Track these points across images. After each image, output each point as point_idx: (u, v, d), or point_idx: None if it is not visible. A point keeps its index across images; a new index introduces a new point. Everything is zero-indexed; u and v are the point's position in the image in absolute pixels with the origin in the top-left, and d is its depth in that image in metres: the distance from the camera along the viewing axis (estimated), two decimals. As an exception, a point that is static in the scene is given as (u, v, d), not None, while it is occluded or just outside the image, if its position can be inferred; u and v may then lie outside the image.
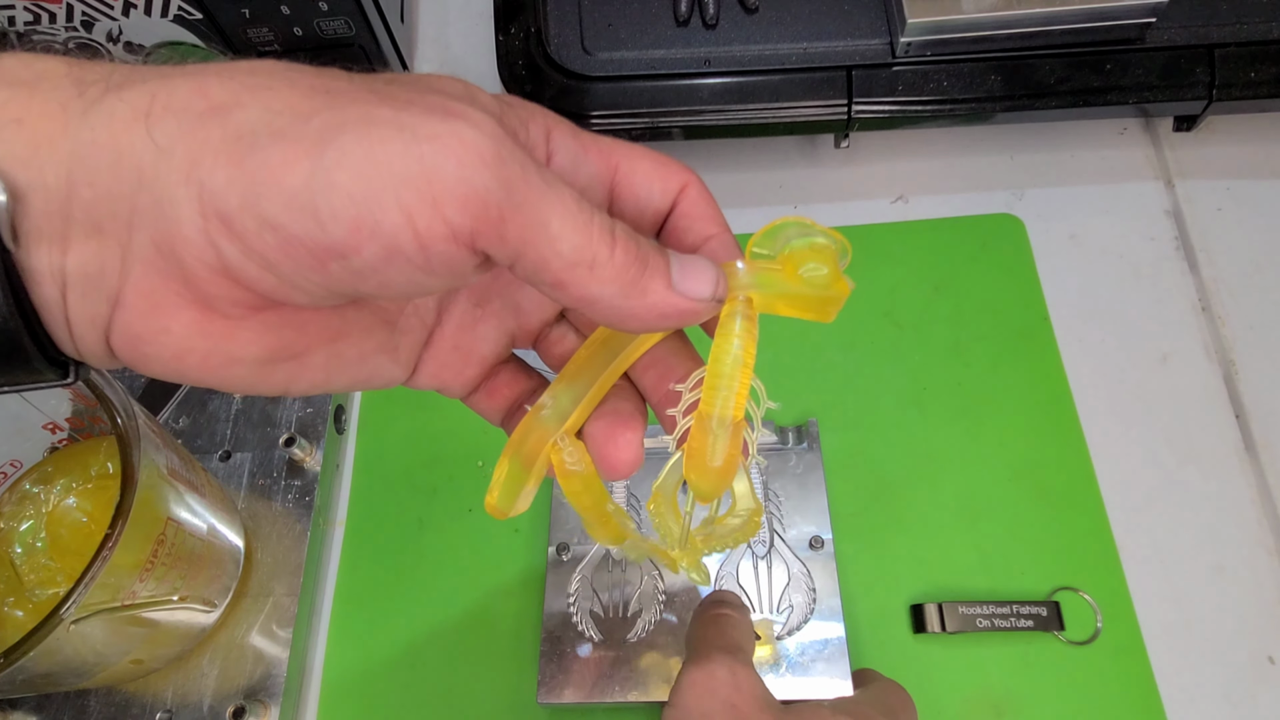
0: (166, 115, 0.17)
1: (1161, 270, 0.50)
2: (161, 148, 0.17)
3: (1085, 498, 0.45)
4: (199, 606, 0.40)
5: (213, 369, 0.19)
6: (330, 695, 0.43)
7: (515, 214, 0.17)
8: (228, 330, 0.18)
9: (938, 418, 0.47)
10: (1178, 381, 0.47)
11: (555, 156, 0.22)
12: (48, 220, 0.17)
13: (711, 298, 0.21)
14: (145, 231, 0.17)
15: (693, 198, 0.23)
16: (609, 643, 0.42)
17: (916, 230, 0.52)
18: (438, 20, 0.60)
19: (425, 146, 0.17)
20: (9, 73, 0.17)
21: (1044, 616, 0.41)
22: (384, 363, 0.23)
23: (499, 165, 0.17)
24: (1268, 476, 0.45)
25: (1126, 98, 0.47)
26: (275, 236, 0.17)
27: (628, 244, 0.19)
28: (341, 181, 0.16)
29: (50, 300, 0.17)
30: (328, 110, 0.17)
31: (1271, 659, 0.41)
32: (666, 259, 0.20)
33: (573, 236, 0.18)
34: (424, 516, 0.47)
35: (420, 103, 0.17)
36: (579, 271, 0.19)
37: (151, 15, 0.46)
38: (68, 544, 0.40)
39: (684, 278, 0.20)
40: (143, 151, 0.17)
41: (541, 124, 0.22)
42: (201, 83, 0.17)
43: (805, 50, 0.48)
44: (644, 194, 0.23)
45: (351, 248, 0.17)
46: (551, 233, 0.18)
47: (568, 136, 0.22)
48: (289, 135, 0.17)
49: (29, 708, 0.41)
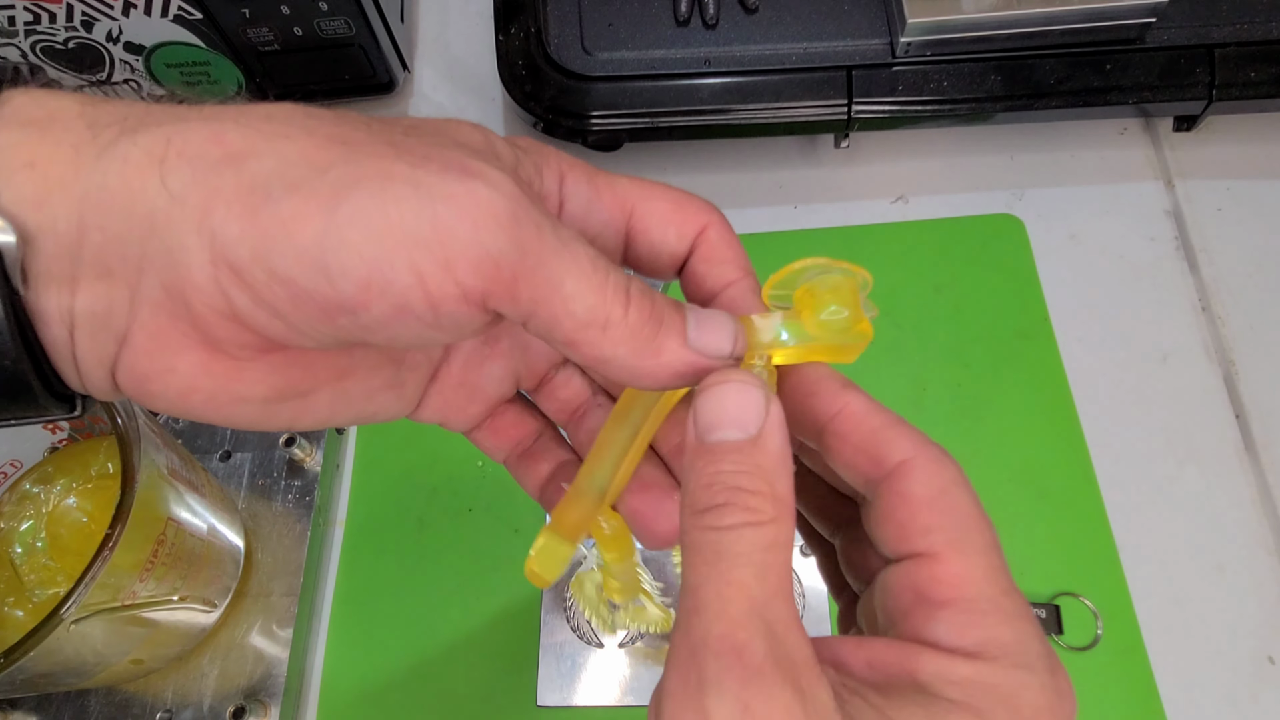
0: (180, 162, 0.17)
1: (1161, 270, 0.50)
2: (175, 195, 0.16)
3: (1085, 498, 0.45)
4: (199, 606, 0.40)
5: (218, 407, 0.19)
6: (330, 695, 0.43)
7: (529, 275, 0.17)
8: (234, 370, 0.18)
9: (938, 418, 0.47)
10: (1178, 381, 0.47)
11: (568, 203, 0.21)
12: (57, 263, 0.17)
13: (729, 355, 0.20)
14: (155, 275, 0.17)
15: (712, 240, 0.23)
16: (607, 646, 0.42)
17: (916, 230, 0.52)
18: (438, 20, 0.60)
19: (440, 206, 0.16)
20: (21, 112, 0.17)
21: (1043, 619, 0.41)
22: (389, 399, 0.23)
23: (514, 226, 0.17)
24: (1268, 476, 0.45)
25: (1126, 98, 0.47)
26: (285, 290, 0.17)
27: (642, 302, 0.19)
28: (353, 240, 0.16)
29: (58, 340, 0.17)
30: (344, 163, 0.17)
31: (1271, 659, 0.41)
32: (683, 316, 0.20)
33: (586, 297, 0.18)
34: (424, 516, 0.47)
35: (438, 158, 0.17)
36: (591, 332, 0.18)
37: (151, 15, 0.46)
38: (68, 544, 0.40)
39: (700, 334, 0.20)
40: (155, 198, 0.16)
41: (555, 169, 0.21)
42: (218, 128, 0.17)
43: (805, 50, 0.48)
44: (659, 238, 0.22)
45: (361, 304, 0.17)
46: (565, 293, 0.18)
47: (581, 181, 0.22)
48: (303, 188, 0.16)
49: (29, 708, 0.41)
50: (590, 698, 0.41)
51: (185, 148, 0.17)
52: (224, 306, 0.17)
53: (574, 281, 0.18)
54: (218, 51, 0.50)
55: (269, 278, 0.17)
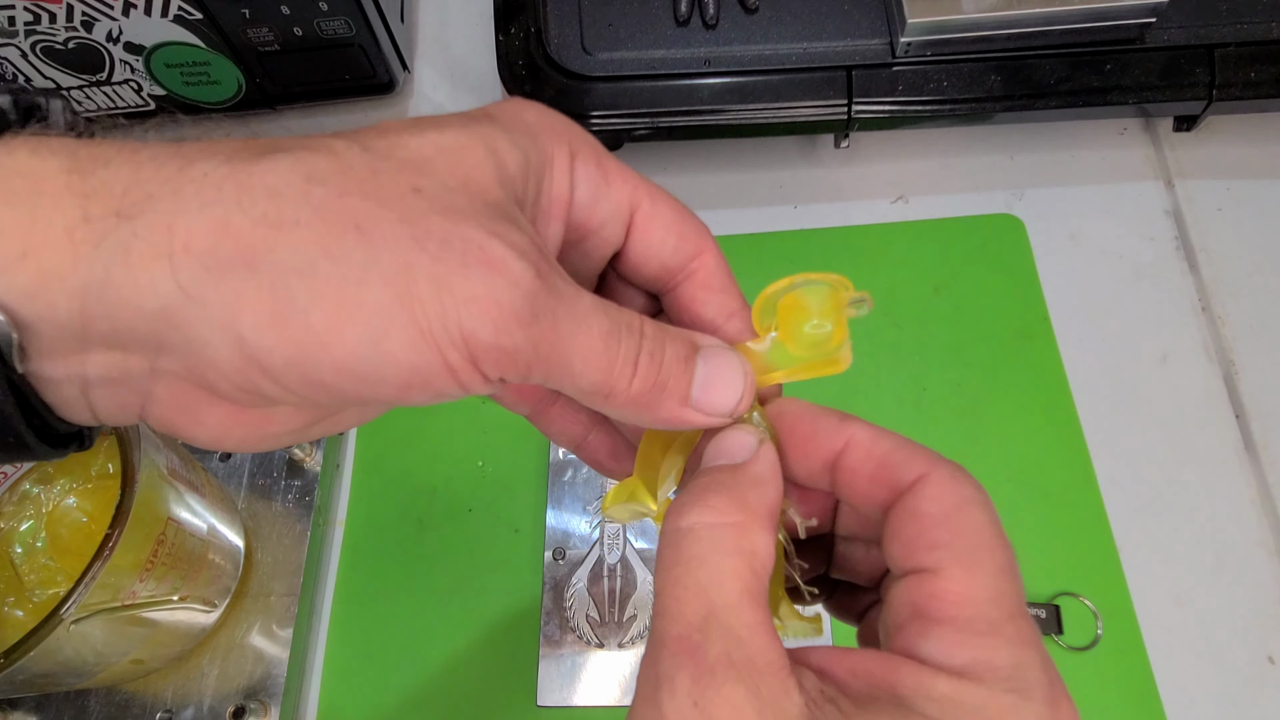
0: (189, 258, 0.16)
1: (1161, 270, 0.50)
2: (190, 294, 0.16)
3: (1085, 498, 0.45)
4: (199, 606, 0.40)
5: (252, 445, 0.20)
6: (330, 695, 0.43)
7: (542, 363, 0.18)
8: (262, 418, 0.19)
9: (938, 418, 0.47)
10: (1178, 381, 0.47)
11: (577, 190, 0.21)
12: (61, 343, 0.16)
13: (730, 415, 0.21)
14: (175, 358, 0.17)
15: (711, 268, 0.23)
16: (607, 646, 0.42)
17: (916, 230, 0.52)
18: (438, 20, 0.60)
19: (464, 311, 0.17)
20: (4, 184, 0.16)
21: (1043, 619, 0.41)
22: None
23: (531, 323, 0.18)
24: (1268, 476, 0.45)
25: (1126, 98, 0.47)
26: (320, 391, 0.17)
27: (648, 373, 0.20)
28: (389, 350, 0.17)
29: (71, 399, 0.17)
30: (361, 253, 0.16)
31: (1271, 659, 0.41)
32: (690, 377, 0.20)
33: (593, 375, 0.19)
34: (424, 516, 0.47)
35: (456, 245, 0.17)
36: (595, 399, 0.20)
37: (151, 15, 0.46)
38: (68, 544, 0.40)
39: (705, 394, 0.20)
40: (168, 294, 0.16)
41: (565, 156, 0.21)
42: (222, 217, 0.16)
43: (805, 50, 0.48)
44: (658, 241, 0.22)
45: (398, 399, 0.18)
46: (574, 371, 0.19)
47: (591, 164, 0.21)
48: (328, 294, 0.16)
49: (29, 708, 0.41)
50: (590, 698, 0.41)
51: (191, 241, 0.16)
52: (250, 391, 0.17)
53: (582, 363, 0.19)
54: (218, 51, 0.50)
55: (303, 382, 0.17)
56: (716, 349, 0.21)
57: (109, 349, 0.17)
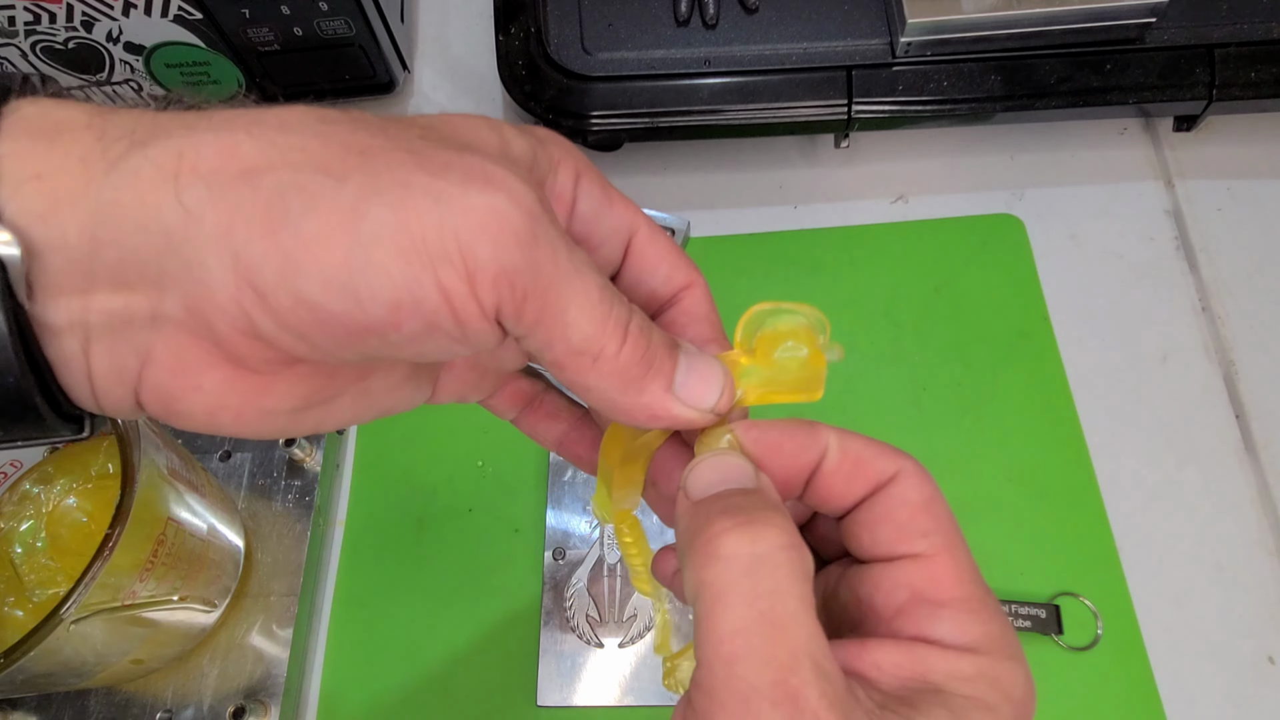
0: (195, 178, 0.16)
1: (1161, 270, 0.50)
2: (191, 212, 0.16)
3: (1085, 498, 0.45)
4: (199, 606, 0.40)
5: (247, 422, 0.19)
6: (330, 695, 0.43)
7: (538, 295, 0.17)
8: (261, 385, 0.18)
9: (938, 418, 0.47)
10: (1178, 381, 0.47)
11: (580, 203, 0.21)
12: (68, 276, 0.16)
13: (711, 409, 0.21)
14: (175, 293, 0.17)
15: (698, 298, 0.23)
16: (607, 646, 0.42)
17: (916, 230, 0.52)
18: (438, 20, 0.60)
19: (460, 221, 0.16)
20: (28, 123, 0.16)
21: (1043, 619, 0.41)
22: (408, 391, 0.23)
23: (531, 245, 0.17)
24: (1268, 476, 0.45)
25: (1126, 98, 0.47)
26: (312, 314, 0.17)
27: (638, 342, 0.19)
28: (380, 260, 0.16)
29: (70, 354, 0.17)
30: (361, 173, 0.17)
31: (1271, 659, 0.41)
32: (674, 362, 0.20)
33: (586, 327, 0.18)
34: (424, 516, 0.47)
35: (458, 166, 0.17)
36: (582, 360, 0.19)
37: (151, 15, 0.46)
38: (68, 544, 0.40)
39: (687, 383, 0.20)
40: (170, 215, 0.16)
41: (571, 168, 0.21)
42: (231, 141, 0.17)
43: (805, 50, 0.48)
44: (650, 269, 0.23)
45: (390, 325, 0.17)
46: (567, 319, 0.18)
47: (595, 185, 0.22)
48: (322, 204, 0.16)
49: (29, 708, 0.41)
50: (590, 698, 0.41)
51: (199, 162, 0.16)
52: (248, 327, 0.17)
53: (578, 310, 0.18)
54: (218, 51, 0.50)
55: (294, 302, 0.16)
56: (696, 351, 0.21)
57: (114, 288, 0.16)
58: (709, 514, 0.19)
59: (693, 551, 0.18)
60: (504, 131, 0.20)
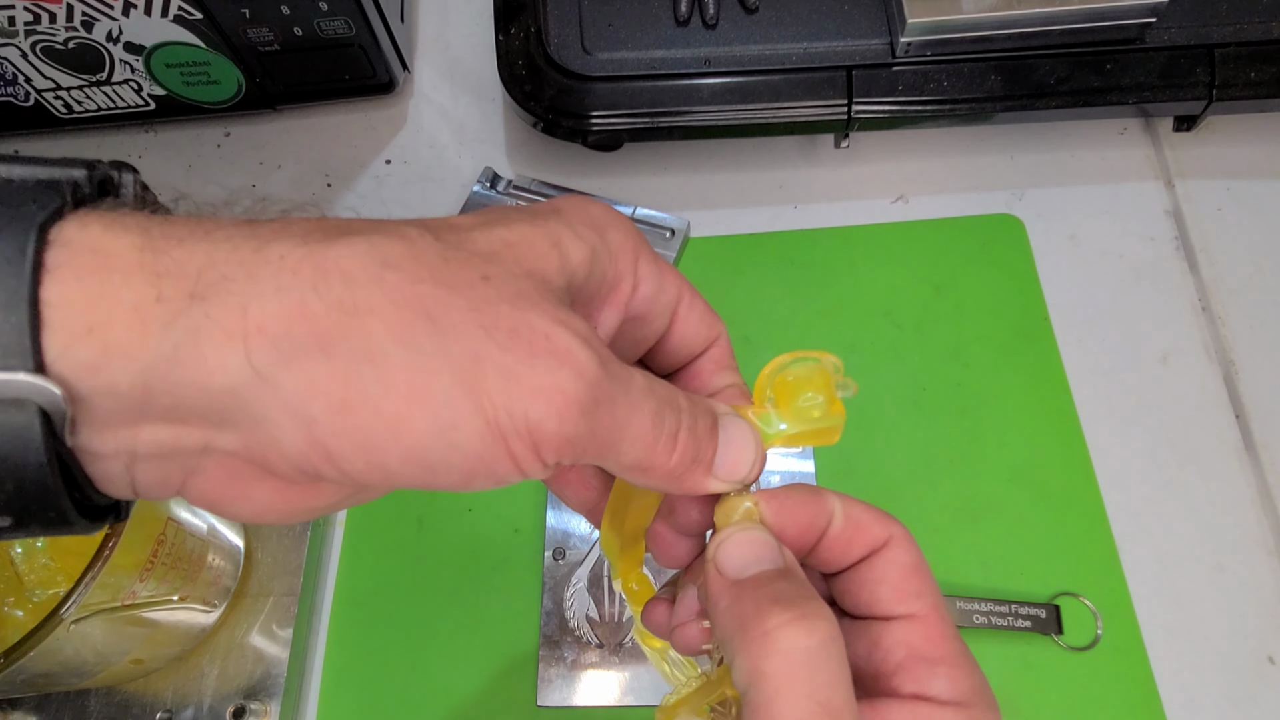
0: (263, 340, 0.16)
1: (1161, 270, 0.50)
2: (263, 375, 0.16)
3: (1085, 498, 0.45)
4: (199, 606, 0.40)
5: (291, 518, 0.20)
6: (330, 695, 0.43)
7: (595, 447, 0.19)
8: (307, 493, 0.19)
9: (938, 418, 0.47)
10: (1178, 381, 0.47)
11: (642, 285, 0.23)
12: (116, 416, 0.16)
13: (741, 483, 0.22)
14: (236, 436, 0.17)
15: (723, 345, 0.25)
16: (607, 647, 0.42)
17: (916, 230, 0.52)
18: (438, 20, 0.60)
19: (530, 403, 0.17)
20: (76, 259, 0.16)
21: (1043, 619, 0.41)
22: None
23: (593, 411, 0.18)
24: (1268, 476, 0.45)
25: (1126, 98, 0.47)
26: (383, 475, 0.17)
27: (686, 448, 0.21)
28: (459, 441, 0.17)
29: (114, 473, 0.17)
30: (431, 342, 0.17)
31: (1271, 659, 0.41)
32: (715, 445, 0.22)
33: (637, 454, 0.20)
34: (424, 516, 0.47)
35: (524, 335, 0.18)
36: (631, 473, 0.21)
37: (151, 15, 0.46)
38: (68, 544, 0.40)
39: (725, 460, 0.22)
40: (238, 375, 0.16)
41: (630, 252, 0.22)
42: (299, 300, 0.16)
43: (805, 50, 0.48)
44: (693, 331, 0.24)
45: (459, 486, 0.18)
46: (620, 449, 0.20)
47: (651, 264, 0.23)
48: (398, 381, 0.17)
49: (29, 708, 0.41)
50: (590, 698, 0.41)
51: (265, 323, 0.16)
52: (311, 474, 0.17)
53: (630, 444, 0.20)
54: (218, 51, 0.50)
55: (368, 467, 0.17)
56: (732, 417, 0.22)
57: (165, 423, 0.17)
58: (759, 602, 0.20)
59: (748, 641, 0.19)
60: (563, 244, 0.20)
